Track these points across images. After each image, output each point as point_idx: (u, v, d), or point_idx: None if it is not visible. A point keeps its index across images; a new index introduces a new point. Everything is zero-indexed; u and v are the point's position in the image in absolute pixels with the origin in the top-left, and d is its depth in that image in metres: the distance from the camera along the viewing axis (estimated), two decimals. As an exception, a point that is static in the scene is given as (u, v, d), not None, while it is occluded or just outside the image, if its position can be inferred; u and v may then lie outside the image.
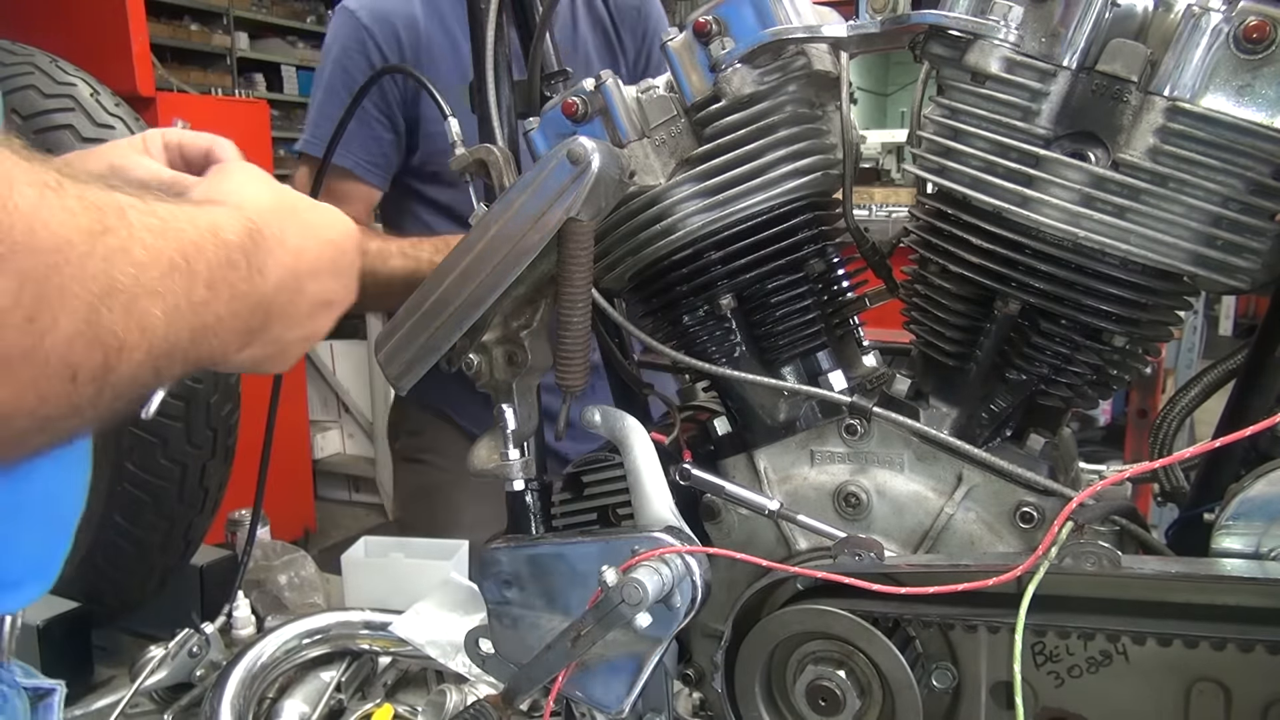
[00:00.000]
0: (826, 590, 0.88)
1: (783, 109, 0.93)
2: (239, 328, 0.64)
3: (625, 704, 0.93)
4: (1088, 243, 0.82)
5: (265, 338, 0.69)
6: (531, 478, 1.00)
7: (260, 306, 0.66)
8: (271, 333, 0.69)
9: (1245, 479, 0.84)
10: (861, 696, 0.90)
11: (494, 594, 0.99)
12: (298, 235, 0.71)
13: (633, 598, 0.83)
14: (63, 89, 1.65)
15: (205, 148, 0.91)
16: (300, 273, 0.70)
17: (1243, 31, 0.75)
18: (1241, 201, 0.80)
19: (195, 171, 0.89)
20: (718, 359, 1.00)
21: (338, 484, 5.25)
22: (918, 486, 0.95)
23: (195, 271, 0.57)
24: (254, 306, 0.65)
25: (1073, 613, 0.83)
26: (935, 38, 0.85)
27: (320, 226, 0.75)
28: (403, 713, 1.41)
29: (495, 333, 0.98)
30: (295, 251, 0.70)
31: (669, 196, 0.95)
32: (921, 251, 0.94)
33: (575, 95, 0.95)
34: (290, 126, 7.45)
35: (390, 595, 1.59)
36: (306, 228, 0.72)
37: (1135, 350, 0.90)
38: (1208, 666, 0.80)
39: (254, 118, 4.67)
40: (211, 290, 0.59)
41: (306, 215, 0.74)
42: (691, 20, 0.92)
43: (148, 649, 1.48)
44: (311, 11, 7.71)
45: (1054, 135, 0.83)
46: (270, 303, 0.67)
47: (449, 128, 1.02)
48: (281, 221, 0.69)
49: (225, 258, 0.61)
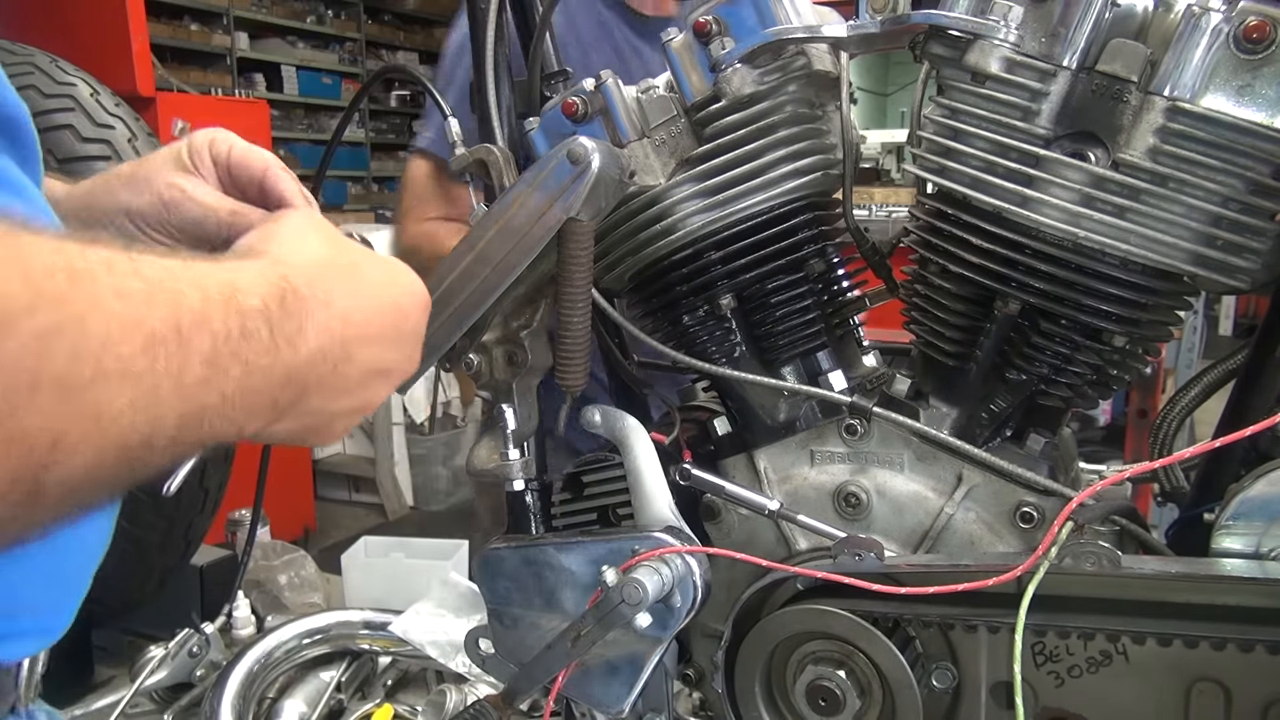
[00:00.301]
0: (826, 590, 0.88)
1: (783, 109, 0.93)
2: (259, 404, 0.55)
3: (625, 704, 0.93)
4: (1088, 243, 0.82)
5: (301, 410, 0.60)
6: (531, 478, 1.00)
7: (291, 380, 0.57)
8: (309, 405, 0.60)
9: (1245, 479, 0.84)
10: (861, 696, 0.90)
11: (494, 594, 0.99)
12: (348, 297, 0.62)
13: (633, 598, 0.83)
14: (63, 89, 1.65)
15: (259, 171, 0.81)
16: (348, 339, 0.62)
17: (1243, 31, 0.75)
18: (1241, 201, 0.80)
19: (248, 196, 0.81)
20: (718, 359, 1.00)
21: (338, 484, 5.25)
22: (918, 486, 0.95)
23: (191, 346, 0.49)
24: (281, 380, 0.56)
25: (1073, 613, 0.83)
26: (935, 38, 0.85)
27: (379, 286, 0.66)
28: (403, 713, 1.41)
29: (495, 333, 0.98)
30: (343, 316, 0.61)
31: (669, 196, 0.95)
32: (921, 251, 0.94)
33: (575, 95, 0.95)
34: (290, 126, 7.46)
35: (390, 595, 1.59)
36: (361, 288, 0.64)
37: (1135, 350, 0.90)
38: (1208, 666, 0.80)
39: (254, 118, 4.68)
40: (213, 367, 0.51)
41: (364, 273, 0.65)
42: (691, 20, 0.92)
43: (148, 649, 1.48)
44: (311, 11, 7.71)
45: (1054, 135, 0.83)
46: (306, 375, 0.58)
47: (449, 127, 1.02)
48: (330, 281, 0.61)
49: (239, 327, 0.52)
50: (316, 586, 1.84)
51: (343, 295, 0.62)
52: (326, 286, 0.61)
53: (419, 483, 5.08)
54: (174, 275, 0.50)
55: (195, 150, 0.81)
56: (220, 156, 0.81)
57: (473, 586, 1.43)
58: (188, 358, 0.49)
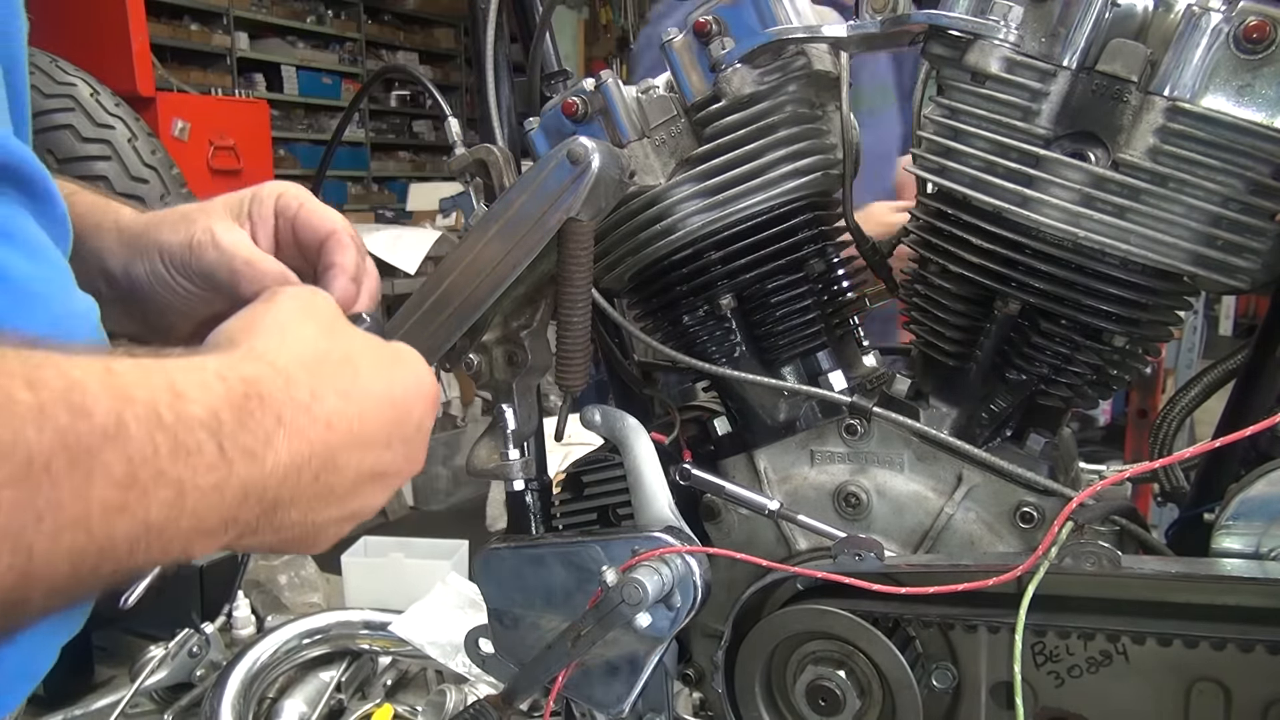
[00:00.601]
0: (826, 590, 0.88)
1: (783, 109, 0.93)
2: (206, 527, 0.48)
3: (625, 704, 0.93)
4: (1088, 243, 0.82)
5: (274, 524, 0.53)
6: (531, 478, 1.00)
7: (252, 496, 0.49)
8: (284, 519, 0.53)
9: (1245, 479, 0.84)
10: (861, 696, 0.90)
11: (494, 594, 0.99)
12: (339, 397, 0.55)
13: (633, 598, 0.83)
14: (63, 89, 1.65)
15: (325, 234, 0.75)
16: (334, 446, 0.54)
17: (1243, 31, 0.75)
18: (1241, 201, 0.80)
19: (307, 255, 0.76)
20: (718, 359, 1.00)
21: (338, 484, 5.26)
22: (918, 486, 0.95)
23: (95, 467, 0.41)
24: (236, 499, 0.48)
25: (1073, 613, 0.83)
26: (935, 38, 0.85)
27: (377, 382, 0.59)
28: (403, 713, 1.41)
29: (495, 333, 0.98)
30: (329, 419, 0.54)
31: (669, 196, 0.95)
32: (921, 251, 0.94)
33: (575, 95, 0.96)
34: (290, 126, 7.46)
35: (390, 595, 1.59)
36: (355, 385, 0.57)
37: (1135, 350, 0.90)
38: (1208, 666, 0.80)
39: (254, 118, 4.68)
40: (130, 490, 0.43)
41: (360, 367, 0.58)
42: (692, 20, 0.92)
43: (148, 649, 1.48)
44: (311, 11, 7.72)
45: (1054, 135, 0.83)
46: (275, 490, 0.51)
47: (449, 128, 1.02)
48: (318, 379, 0.54)
49: (170, 442, 0.44)
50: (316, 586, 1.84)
51: (331, 395, 0.55)
52: (312, 385, 0.54)
53: (419, 483, 5.07)
54: (84, 385, 0.42)
55: (258, 199, 0.77)
56: (287, 211, 0.76)
57: (473, 586, 1.44)
58: (88, 481, 0.41)
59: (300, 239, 0.76)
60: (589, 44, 7.98)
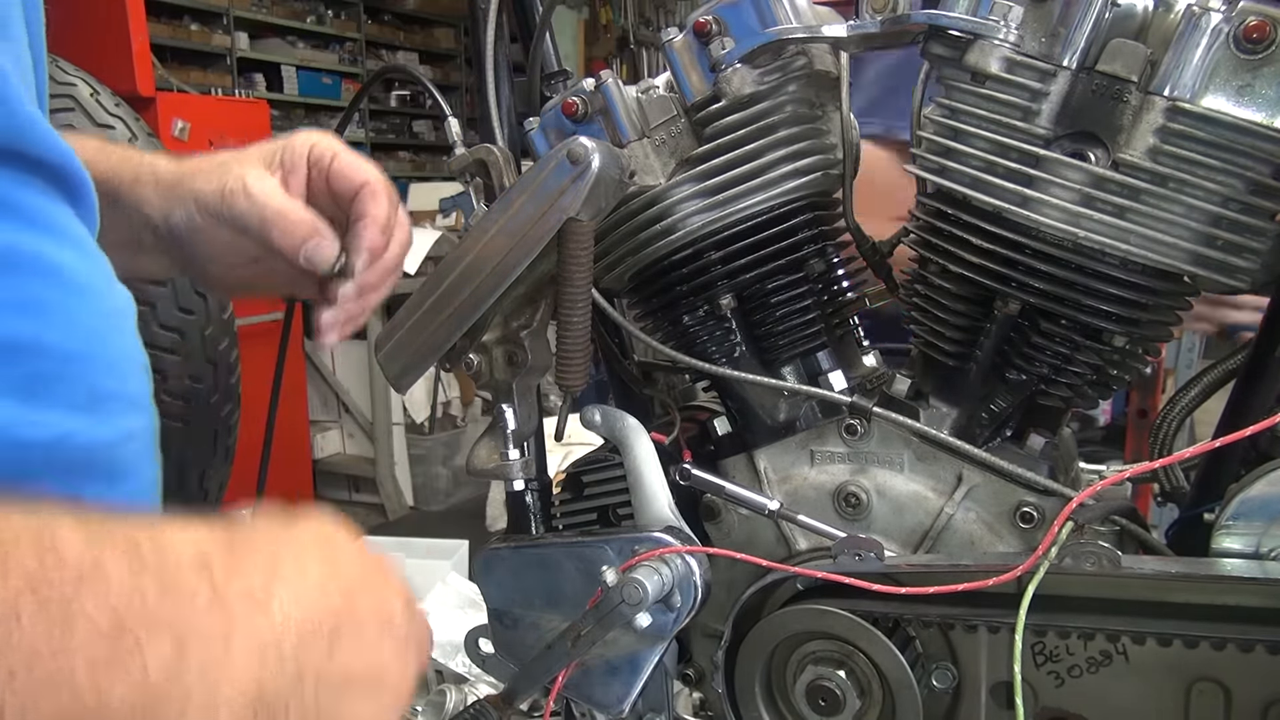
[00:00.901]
0: (826, 590, 0.88)
1: (783, 109, 0.93)
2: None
3: (625, 704, 0.93)
4: (1088, 243, 0.82)
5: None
6: (531, 478, 1.00)
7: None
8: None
9: (1245, 479, 0.84)
10: (861, 696, 0.90)
11: (494, 594, 0.99)
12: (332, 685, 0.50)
13: (633, 598, 0.83)
14: (63, 89, 1.65)
15: (358, 185, 0.76)
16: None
17: (1243, 31, 0.75)
18: (1241, 201, 0.80)
19: (340, 204, 0.76)
20: (718, 359, 1.00)
21: (338, 484, 5.24)
22: (918, 486, 0.95)
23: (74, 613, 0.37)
24: None
25: (1073, 613, 0.83)
26: (935, 38, 0.85)
27: (365, 650, 0.54)
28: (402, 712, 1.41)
29: (495, 333, 0.98)
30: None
31: (669, 196, 0.95)
32: (921, 251, 0.94)
33: (575, 95, 0.96)
34: (290, 126, 7.45)
35: (390, 595, 1.59)
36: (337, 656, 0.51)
37: (1135, 350, 0.90)
38: (1208, 666, 0.80)
39: (254, 118, 4.67)
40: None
41: (344, 640, 0.52)
42: (691, 20, 0.92)
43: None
44: (311, 11, 7.71)
45: (1054, 135, 0.83)
46: None
47: (449, 128, 1.02)
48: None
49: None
50: (316, 586, 1.84)
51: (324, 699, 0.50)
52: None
53: (419, 483, 5.08)
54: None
55: (290, 148, 0.77)
56: (321, 160, 0.77)
57: (473, 586, 1.44)
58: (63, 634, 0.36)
59: (334, 189, 0.77)
60: (589, 44, 7.97)
